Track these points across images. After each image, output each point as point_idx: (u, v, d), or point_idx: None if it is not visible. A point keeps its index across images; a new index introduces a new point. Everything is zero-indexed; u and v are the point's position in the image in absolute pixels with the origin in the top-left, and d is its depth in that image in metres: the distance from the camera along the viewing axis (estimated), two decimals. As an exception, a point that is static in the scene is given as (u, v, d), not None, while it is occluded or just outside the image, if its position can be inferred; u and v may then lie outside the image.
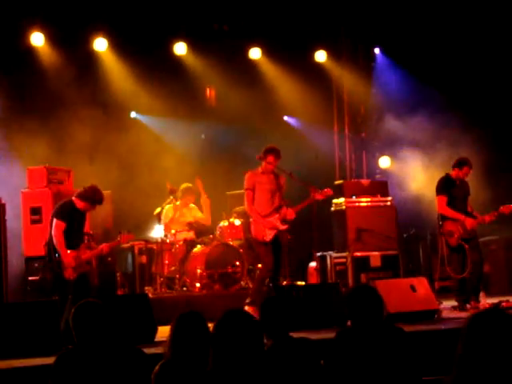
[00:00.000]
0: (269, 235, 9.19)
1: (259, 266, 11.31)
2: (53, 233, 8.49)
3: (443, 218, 9.74)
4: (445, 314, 9.01)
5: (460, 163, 9.81)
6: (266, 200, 9.35)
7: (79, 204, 8.62)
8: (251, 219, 9.42)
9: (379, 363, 4.32)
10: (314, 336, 5.30)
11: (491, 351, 2.56)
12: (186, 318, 4.12)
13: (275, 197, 9.40)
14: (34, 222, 10.20)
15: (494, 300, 9.74)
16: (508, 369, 2.53)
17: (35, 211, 10.20)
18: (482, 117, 12.77)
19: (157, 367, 4.10)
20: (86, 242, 8.89)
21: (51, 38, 12.31)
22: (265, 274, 9.27)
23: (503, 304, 9.34)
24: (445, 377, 2.68)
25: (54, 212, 8.69)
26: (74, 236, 8.55)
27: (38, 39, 12.21)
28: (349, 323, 4.81)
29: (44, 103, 12.28)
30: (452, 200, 9.77)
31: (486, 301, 9.53)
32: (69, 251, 8.45)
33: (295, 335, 4.71)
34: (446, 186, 9.81)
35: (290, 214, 9.34)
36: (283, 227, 9.35)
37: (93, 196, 8.67)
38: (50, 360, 4.41)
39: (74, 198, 8.67)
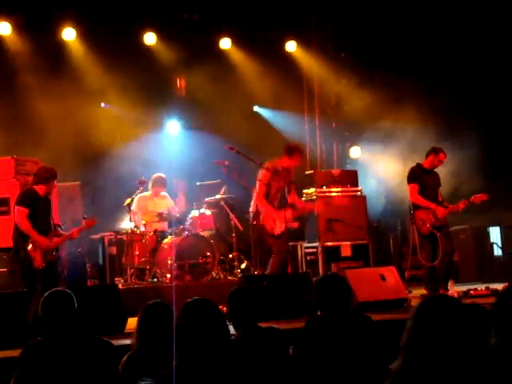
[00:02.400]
0: (279, 228, 9.61)
1: (230, 256, 11.34)
2: (17, 220, 8.43)
3: (415, 206, 9.80)
4: (414, 303, 9.06)
5: (435, 150, 9.90)
6: (281, 195, 9.87)
7: (40, 189, 8.59)
8: (262, 211, 9.74)
9: (347, 352, 4.33)
10: (284, 326, 5.31)
11: (438, 338, 2.56)
12: (152, 309, 4.11)
13: (289, 192, 10.06)
14: (1, 213, 10.08)
15: (463, 288, 9.84)
16: (454, 355, 2.54)
17: (2, 202, 10.07)
18: (452, 105, 12.81)
19: (124, 358, 4.09)
20: (53, 230, 8.83)
21: (18, 27, 12.18)
22: (280, 265, 9.57)
23: (471, 292, 9.43)
24: (391, 364, 2.68)
25: (16, 200, 8.66)
26: (40, 223, 8.48)
27: (4, 28, 12.07)
28: (319, 312, 4.82)
29: (11, 93, 12.15)
30: (423, 189, 9.83)
31: (454, 289, 9.61)
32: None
33: (265, 325, 4.71)
34: (417, 175, 9.88)
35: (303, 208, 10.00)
36: (294, 224, 9.79)
37: (45, 174, 8.65)
38: (17, 352, 4.37)
39: (33, 185, 8.64)
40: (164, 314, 4.00)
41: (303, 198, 11.57)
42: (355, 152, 14.02)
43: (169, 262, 10.51)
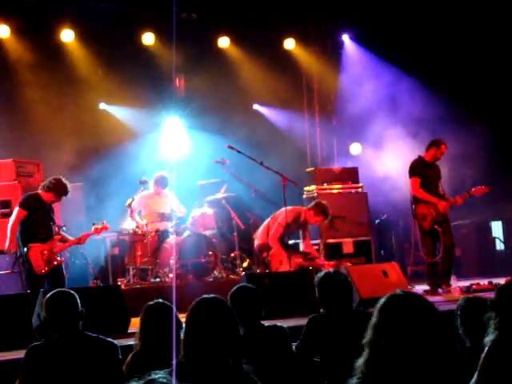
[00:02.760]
0: (283, 269, 9.97)
1: (232, 255, 11.34)
2: (12, 218, 8.47)
3: (416, 200, 9.76)
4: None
5: (436, 142, 9.84)
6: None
7: (45, 196, 8.60)
8: (273, 250, 10.11)
9: (350, 348, 4.33)
10: (287, 323, 5.31)
11: (402, 334, 2.55)
12: (154, 309, 4.12)
13: (304, 238, 10.58)
14: (3, 215, 10.09)
15: (465, 283, 9.83)
16: (418, 352, 2.53)
17: (4, 205, 10.10)
18: (455, 100, 12.79)
19: (129, 358, 4.10)
20: (58, 235, 8.84)
21: (17, 29, 12.19)
22: None
23: (474, 287, 9.43)
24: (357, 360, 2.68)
25: (19, 201, 8.69)
26: (41, 229, 8.50)
27: (3, 31, 12.09)
28: (321, 310, 4.83)
29: (11, 96, 12.16)
30: (425, 182, 9.79)
31: (456, 284, 9.61)
32: (36, 244, 8.42)
33: (268, 323, 4.71)
34: (418, 169, 9.83)
35: None
36: None
37: (57, 187, 8.65)
38: (21, 354, 4.38)
39: (39, 190, 8.64)
40: (166, 314, 4.00)
41: (304, 196, 11.58)
42: (356, 148, 14.02)
43: (171, 261, 10.51)
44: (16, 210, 8.55)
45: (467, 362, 3.14)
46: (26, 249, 8.42)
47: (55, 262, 8.56)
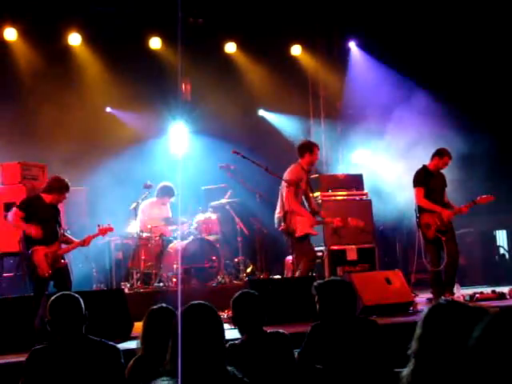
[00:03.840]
0: (313, 231, 9.59)
1: (236, 260, 11.33)
2: (10, 219, 8.50)
3: (420, 209, 9.77)
4: (420, 307, 9.05)
5: (440, 152, 9.84)
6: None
7: (47, 198, 8.62)
8: (295, 214, 9.46)
9: (353, 356, 4.34)
10: (290, 330, 5.30)
11: (447, 342, 2.56)
12: (157, 313, 4.12)
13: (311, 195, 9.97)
14: (7, 217, 10.11)
15: (469, 292, 9.81)
16: (463, 359, 2.52)
17: (9, 207, 10.11)
18: (459, 107, 12.78)
19: (131, 362, 4.10)
20: (62, 237, 8.85)
21: (24, 33, 12.23)
22: (310, 265, 9.55)
23: (478, 296, 9.40)
24: (401, 370, 2.67)
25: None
26: (45, 231, 8.50)
27: (10, 34, 12.14)
28: (324, 317, 4.82)
29: (17, 98, 12.19)
30: (429, 192, 9.80)
31: (460, 293, 9.59)
32: (40, 247, 8.43)
33: (270, 329, 4.71)
34: (423, 178, 9.84)
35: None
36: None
37: (56, 185, 8.68)
38: (24, 357, 4.38)
39: (41, 193, 8.69)
40: (168, 318, 4.00)
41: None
42: (361, 155, 14.00)
43: (174, 266, 10.52)
44: (13, 209, 8.59)
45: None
46: (29, 251, 8.42)
47: (59, 265, 8.57)
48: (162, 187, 11.28)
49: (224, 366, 3.09)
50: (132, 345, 6.10)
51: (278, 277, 11.14)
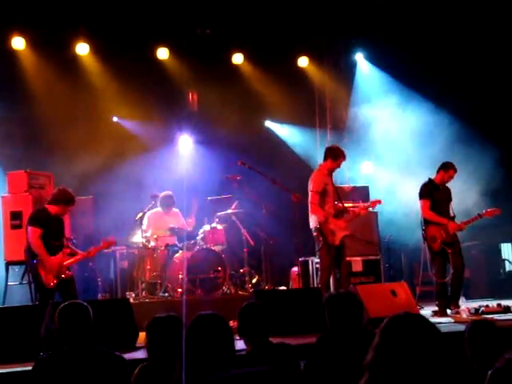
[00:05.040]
0: (337, 239, 9.41)
1: (241, 271, 11.33)
2: (30, 240, 8.51)
3: (426, 222, 9.78)
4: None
5: (446, 166, 9.88)
6: (332, 202, 9.58)
7: (52, 209, 8.66)
8: (320, 221, 9.37)
9: (358, 368, 4.32)
10: (295, 341, 5.30)
11: (404, 356, 2.53)
12: (163, 322, 4.13)
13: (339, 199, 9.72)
14: (14, 226, 10.14)
15: (474, 305, 9.79)
16: (420, 374, 2.51)
17: (15, 216, 10.14)
18: (468, 122, 12.77)
19: (136, 370, 4.10)
20: (67, 248, 8.87)
21: (32, 42, 12.28)
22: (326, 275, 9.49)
23: (483, 309, 9.38)
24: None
25: (28, 219, 8.74)
26: (52, 242, 8.54)
27: (18, 43, 12.19)
28: (330, 329, 4.81)
29: (25, 107, 12.23)
30: (435, 204, 9.82)
31: (465, 305, 9.58)
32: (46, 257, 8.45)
33: (275, 340, 4.71)
34: (428, 191, 9.87)
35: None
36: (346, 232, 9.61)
37: (62, 198, 8.71)
38: (29, 366, 4.38)
39: (46, 204, 8.73)
40: (174, 327, 4.00)
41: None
42: (367, 167, 14.01)
43: (180, 276, 10.52)
44: (29, 229, 8.58)
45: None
46: (34, 261, 8.46)
47: (64, 276, 8.59)
48: (161, 198, 11.32)
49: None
50: (137, 355, 6.10)
51: (283, 288, 11.15)
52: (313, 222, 9.49)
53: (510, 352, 2.76)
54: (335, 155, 9.66)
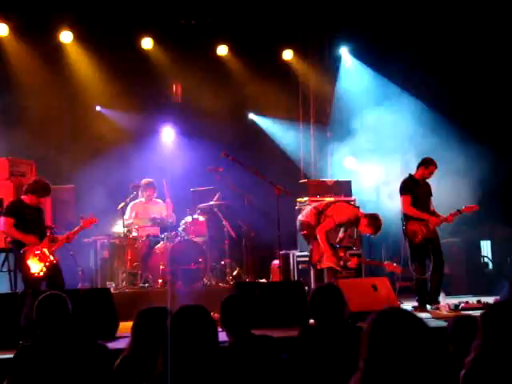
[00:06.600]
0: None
1: (222, 263, 11.32)
2: (4, 230, 8.61)
3: (407, 218, 9.81)
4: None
5: (426, 161, 9.91)
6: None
7: (27, 199, 8.77)
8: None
9: (340, 361, 4.34)
10: (276, 334, 5.29)
11: (395, 349, 2.55)
12: (148, 314, 4.12)
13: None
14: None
15: (454, 301, 9.84)
16: (411, 367, 2.53)
17: (-4, 203, 10.08)
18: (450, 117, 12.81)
19: (117, 361, 4.09)
20: (48, 235, 8.87)
21: (16, 28, 12.19)
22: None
23: (463, 305, 9.44)
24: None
25: (3, 210, 8.84)
26: (32, 232, 8.55)
27: (1, 29, 12.10)
28: (311, 321, 4.83)
29: (7, 94, 12.14)
30: (415, 200, 9.85)
31: (445, 301, 9.62)
32: (29, 247, 8.46)
33: (257, 332, 4.71)
34: (409, 186, 9.90)
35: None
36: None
37: (35, 188, 8.80)
38: (9, 354, 4.36)
39: (22, 195, 8.81)
40: (161, 319, 3.99)
41: (296, 207, 11.57)
42: (350, 162, 14.01)
43: (161, 267, 10.50)
44: (2, 219, 8.72)
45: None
46: (20, 252, 8.49)
47: (50, 263, 8.62)
48: (142, 184, 11.31)
49: (221, 371, 3.09)
50: (118, 345, 6.08)
51: (263, 280, 11.15)
52: None
53: None
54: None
